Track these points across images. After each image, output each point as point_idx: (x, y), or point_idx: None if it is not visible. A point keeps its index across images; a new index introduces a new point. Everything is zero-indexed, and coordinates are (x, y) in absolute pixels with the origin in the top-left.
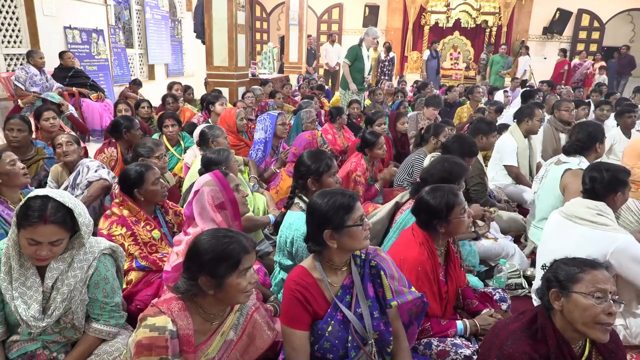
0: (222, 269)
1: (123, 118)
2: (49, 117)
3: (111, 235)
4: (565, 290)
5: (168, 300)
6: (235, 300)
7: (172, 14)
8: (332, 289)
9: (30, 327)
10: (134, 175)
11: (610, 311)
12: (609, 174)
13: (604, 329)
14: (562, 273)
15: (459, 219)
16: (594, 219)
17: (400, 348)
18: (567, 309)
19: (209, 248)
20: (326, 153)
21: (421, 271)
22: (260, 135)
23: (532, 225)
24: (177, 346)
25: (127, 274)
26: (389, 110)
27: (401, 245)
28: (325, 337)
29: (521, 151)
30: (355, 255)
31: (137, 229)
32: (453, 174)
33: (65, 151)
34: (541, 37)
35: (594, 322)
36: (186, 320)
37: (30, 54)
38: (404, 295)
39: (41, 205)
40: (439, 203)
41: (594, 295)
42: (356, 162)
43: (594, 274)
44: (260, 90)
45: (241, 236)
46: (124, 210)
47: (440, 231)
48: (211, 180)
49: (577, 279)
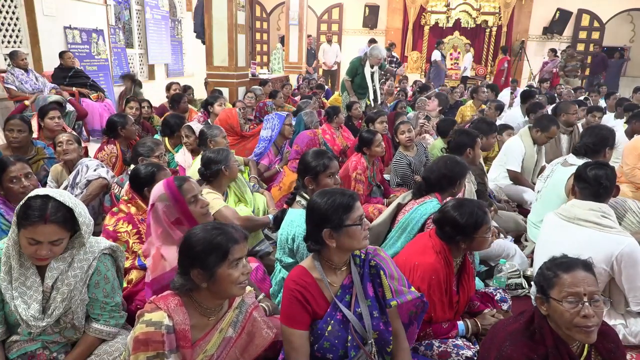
0: (212, 259)
1: (116, 116)
2: (54, 116)
3: (117, 231)
4: (545, 296)
5: (165, 296)
6: (229, 293)
7: (172, 14)
8: (331, 288)
9: (30, 326)
10: (145, 174)
11: (584, 314)
12: (611, 170)
13: (585, 331)
14: (541, 278)
15: (484, 237)
16: (599, 221)
17: (400, 348)
18: (550, 314)
19: (198, 241)
20: (327, 153)
21: (434, 280)
22: (266, 134)
23: (532, 225)
24: (174, 341)
25: (129, 272)
26: (389, 110)
27: (416, 250)
28: (324, 337)
29: (528, 157)
30: (354, 255)
31: (143, 227)
32: (454, 172)
33: (65, 149)
34: (541, 37)
35: (572, 326)
36: (183, 316)
37: (12, 55)
38: (403, 295)
39: (41, 205)
40: (466, 220)
41: (566, 299)
42: (356, 161)
43: (565, 277)
44: (260, 90)
45: (230, 227)
46: (131, 207)
47: (462, 247)
48: (164, 194)
49: (552, 284)
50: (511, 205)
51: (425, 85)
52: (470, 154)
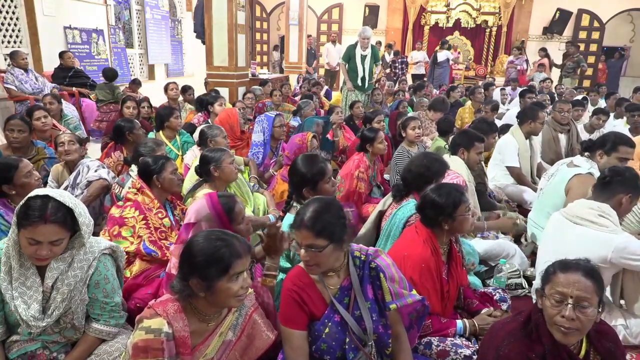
0: (212, 272)
1: (123, 121)
2: (39, 116)
3: (123, 217)
4: (542, 290)
5: (164, 302)
6: (226, 304)
7: (172, 14)
8: (330, 290)
9: (30, 327)
10: (154, 163)
11: (564, 314)
12: (633, 173)
13: (562, 331)
14: (544, 273)
15: (464, 216)
16: (595, 220)
17: (402, 350)
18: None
19: (200, 250)
20: (319, 157)
21: (425, 268)
22: (258, 138)
23: (532, 225)
24: (174, 348)
25: (132, 264)
26: (389, 110)
27: (404, 243)
28: (322, 339)
29: (522, 152)
30: (354, 257)
31: (150, 215)
32: (432, 170)
33: (67, 150)
34: (541, 37)
35: (552, 323)
36: (182, 322)
37: (12, 55)
38: (403, 298)
39: (41, 205)
40: (445, 200)
41: (553, 296)
42: (359, 160)
43: (559, 276)
44: (260, 90)
45: (235, 240)
46: (139, 197)
47: (445, 228)
48: (209, 214)
49: (548, 280)
50: (511, 205)
51: (420, 84)
52: (463, 155)
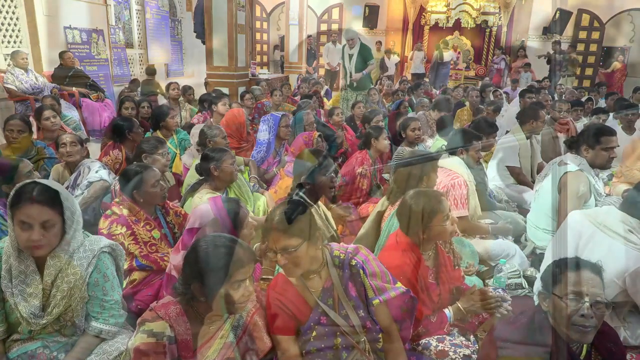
0: (213, 279)
1: (122, 120)
2: (49, 116)
3: (111, 234)
4: (548, 292)
5: (166, 304)
6: (227, 311)
7: (172, 14)
8: (313, 293)
9: (30, 324)
10: (132, 177)
11: (583, 313)
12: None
13: (582, 331)
14: (548, 274)
15: (442, 226)
16: (626, 235)
17: (393, 345)
18: (551, 311)
19: (203, 257)
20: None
21: (402, 279)
22: (263, 137)
23: (532, 226)
24: (176, 351)
25: (130, 273)
26: (387, 110)
27: (385, 252)
28: (310, 342)
29: (523, 152)
30: (334, 256)
31: (137, 228)
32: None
33: (69, 151)
34: (541, 37)
35: (570, 324)
36: (184, 325)
37: (13, 55)
38: (386, 292)
39: (29, 188)
40: (421, 209)
41: (568, 297)
42: (362, 157)
43: (570, 276)
44: (259, 90)
45: (239, 247)
46: (123, 209)
47: (423, 237)
48: (215, 219)
49: (557, 281)
50: (511, 205)
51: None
52: (462, 154)
